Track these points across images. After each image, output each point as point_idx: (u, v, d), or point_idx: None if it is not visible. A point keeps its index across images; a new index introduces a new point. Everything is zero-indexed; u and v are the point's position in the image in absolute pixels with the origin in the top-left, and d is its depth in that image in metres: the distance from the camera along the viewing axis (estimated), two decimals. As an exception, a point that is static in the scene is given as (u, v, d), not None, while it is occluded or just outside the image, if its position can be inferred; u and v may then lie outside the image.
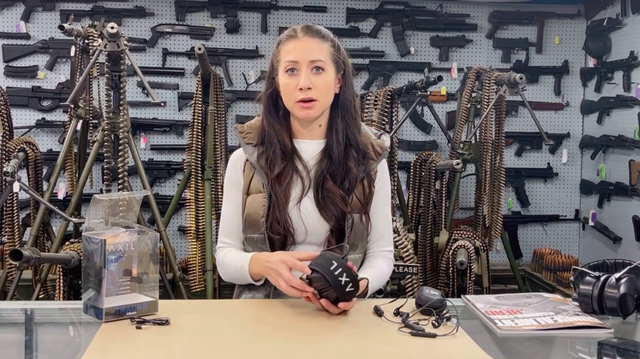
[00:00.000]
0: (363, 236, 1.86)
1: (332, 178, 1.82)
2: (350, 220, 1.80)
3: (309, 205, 1.82)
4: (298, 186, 1.83)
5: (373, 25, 4.67)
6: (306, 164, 1.85)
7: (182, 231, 4.58)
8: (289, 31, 1.84)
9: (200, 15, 4.59)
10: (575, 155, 4.83)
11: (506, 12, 4.70)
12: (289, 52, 1.80)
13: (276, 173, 1.81)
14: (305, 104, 1.79)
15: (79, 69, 3.69)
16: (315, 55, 1.79)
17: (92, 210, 1.61)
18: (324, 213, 1.80)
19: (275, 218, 1.79)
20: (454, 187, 3.93)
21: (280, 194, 1.80)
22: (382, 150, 1.89)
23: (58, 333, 1.66)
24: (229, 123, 4.33)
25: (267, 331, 1.55)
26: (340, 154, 1.83)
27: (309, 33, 1.81)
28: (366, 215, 1.85)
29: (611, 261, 1.85)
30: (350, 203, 1.81)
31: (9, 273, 3.38)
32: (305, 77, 1.77)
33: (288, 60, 1.80)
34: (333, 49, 1.83)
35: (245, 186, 1.87)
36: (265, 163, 1.83)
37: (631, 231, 4.08)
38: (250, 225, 1.84)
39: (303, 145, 1.87)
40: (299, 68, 1.79)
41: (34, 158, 3.60)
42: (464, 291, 3.35)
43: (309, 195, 1.82)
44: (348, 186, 1.82)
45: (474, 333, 1.54)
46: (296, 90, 1.78)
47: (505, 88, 3.77)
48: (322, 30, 1.84)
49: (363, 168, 1.85)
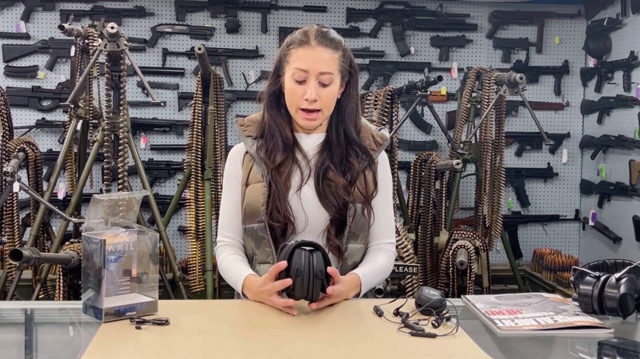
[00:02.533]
0: (364, 227, 1.86)
1: (334, 168, 1.83)
2: (352, 209, 1.82)
3: (309, 194, 1.83)
4: (298, 175, 1.85)
5: (373, 25, 4.67)
6: (306, 154, 1.87)
7: (182, 231, 4.58)
8: (303, 35, 1.82)
9: (200, 15, 4.59)
10: (576, 155, 4.83)
11: (506, 12, 4.70)
12: (300, 58, 1.80)
13: (277, 163, 1.83)
14: (309, 115, 1.81)
15: (79, 69, 3.69)
16: (325, 67, 1.79)
17: (92, 210, 1.61)
18: (324, 202, 1.81)
19: (275, 206, 1.80)
20: (454, 187, 3.93)
21: (281, 183, 1.81)
22: (382, 140, 1.91)
23: (58, 333, 1.66)
24: (229, 123, 4.33)
25: (267, 331, 1.55)
26: (342, 147, 1.85)
27: (322, 43, 1.80)
28: (368, 206, 1.85)
29: (611, 261, 1.85)
30: (352, 193, 1.82)
31: (9, 273, 3.38)
32: (313, 89, 1.78)
33: (297, 67, 1.80)
34: (343, 58, 1.83)
35: (244, 178, 1.88)
36: (265, 154, 1.84)
37: (631, 231, 4.08)
38: (250, 214, 1.84)
39: (304, 138, 1.89)
40: (308, 77, 1.79)
41: (34, 158, 3.60)
42: (464, 291, 3.35)
43: (309, 183, 1.84)
44: (350, 179, 1.84)
45: (474, 333, 1.54)
46: (302, 99, 1.79)
47: (505, 88, 3.77)
48: (335, 39, 1.83)
49: (365, 163, 1.87)
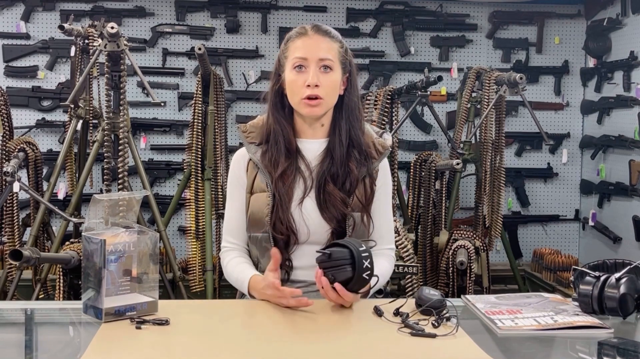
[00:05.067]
0: (364, 235, 1.86)
1: (333, 180, 1.82)
2: (350, 219, 1.81)
3: (310, 206, 1.82)
4: (300, 186, 1.84)
5: (373, 25, 4.67)
6: (309, 164, 1.85)
7: (182, 231, 4.59)
8: (299, 28, 1.85)
9: (200, 15, 4.59)
10: (575, 155, 4.83)
11: (506, 12, 4.70)
12: (298, 48, 1.81)
13: (280, 171, 1.82)
14: (310, 101, 1.79)
15: (79, 69, 3.69)
16: (324, 53, 1.80)
17: (92, 210, 1.61)
18: (325, 215, 1.81)
19: (278, 217, 1.80)
20: (454, 187, 3.93)
21: (284, 193, 1.81)
22: (383, 149, 1.90)
23: (58, 333, 1.66)
24: (229, 123, 4.33)
25: (267, 331, 1.55)
26: (343, 155, 1.84)
27: (319, 32, 1.83)
28: (367, 214, 1.85)
29: (611, 261, 1.85)
30: (351, 203, 1.82)
31: (9, 273, 3.38)
32: (314, 74, 1.78)
33: (297, 56, 1.80)
34: (342, 49, 1.85)
35: (248, 185, 1.88)
36: (269, 162, 1.84)
37: (631, 231, 4.08)
38: (255, 223, 1.84)
39: (306, 144, 1.87)
40: (307, 65, 1.79)
41: (34, 158, 3.60)
42: (464, 291, 3.35)
43: (310, 195, 1.83)
44: (349, 188, 1.83)
45: (474, 333, 1.54)
46: (303, 86, 1.79)
47: (505, 88, 3.77)
48: (332, 31, 1.86)
49: (365, 169, 1.85)
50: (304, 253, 1.80)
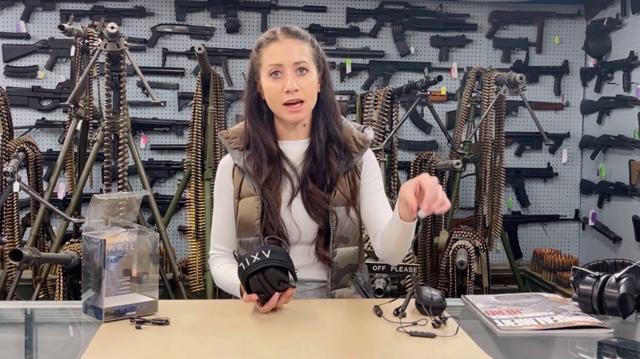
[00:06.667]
0: (353, 228, 1.86)
1: (313, 179, 1.82)
2: (333, 215, 1.81)
3: (298, 207, 1.83)
4: (288, 188, 1.84)
5: (373, 25, 4.67)
6: (293, 165, 1.85)
7: (182, 231, 4.58)
8: (268, 34, 1.83)
9: (200, 15, 4.58)
10: (575, 155, 4.83)
11: (506, 12, 4.69)
12: (271, 55, 1.80)
13: (264, 178, 1.82)
14: (293, 107, 1.78)
15: (79, 69, 3.69)
16: (297, 56, 1.79)
17: (92, 210, 1.61)
18: (312, 214, 1.81)
19: (268, 223, 1.79)
20: (454, 187, 3.93)
21: (272, 199, 1.80)
22: (363, 143, 1.89)
23: (58, 333, 1.66)
24: (229, 123, 4.33)
25: (267, 331, 1.55)
26: (322, 152, 1.83)
27: (289, 35, 1.81)
28: (353, 208, 1.85)
29: (611, 261, 1.85)
30: (333, 199, 1.82)
31: (9, 273, 3.38)
32: (291, 79, 1.77)
33: (272, 63, 1.79)
34: (313, 48, 1.83)
35: (236, 191, 1.87)
36: (253, 168, 1.83)
37: (631, 231, 4.08)
38: (245, 228, 1.84)
39: (288, 146, 1.87)
40: (283, 71, 1.78)
41: (34, 158, 3.60)
42: (464, 291, 3.35)
43: (298, 196, 1.83)
44: (330, 183, 1.83)
45: (474, 333, 1.54)
46: (282, 93, 1.77)
47: (505, 88, 3.77)
48: (301, 31, 1.84)
49: (345, 163, 1.85)
50: (295, 254, 1.79)
